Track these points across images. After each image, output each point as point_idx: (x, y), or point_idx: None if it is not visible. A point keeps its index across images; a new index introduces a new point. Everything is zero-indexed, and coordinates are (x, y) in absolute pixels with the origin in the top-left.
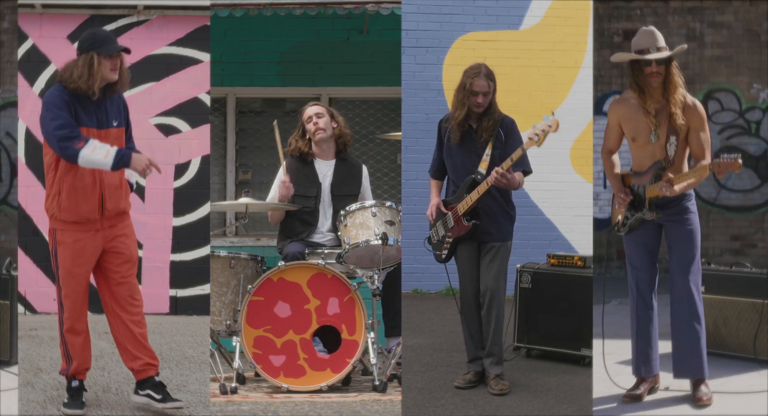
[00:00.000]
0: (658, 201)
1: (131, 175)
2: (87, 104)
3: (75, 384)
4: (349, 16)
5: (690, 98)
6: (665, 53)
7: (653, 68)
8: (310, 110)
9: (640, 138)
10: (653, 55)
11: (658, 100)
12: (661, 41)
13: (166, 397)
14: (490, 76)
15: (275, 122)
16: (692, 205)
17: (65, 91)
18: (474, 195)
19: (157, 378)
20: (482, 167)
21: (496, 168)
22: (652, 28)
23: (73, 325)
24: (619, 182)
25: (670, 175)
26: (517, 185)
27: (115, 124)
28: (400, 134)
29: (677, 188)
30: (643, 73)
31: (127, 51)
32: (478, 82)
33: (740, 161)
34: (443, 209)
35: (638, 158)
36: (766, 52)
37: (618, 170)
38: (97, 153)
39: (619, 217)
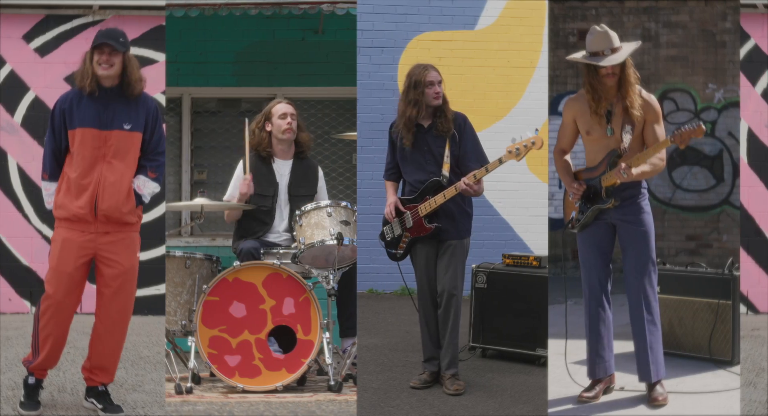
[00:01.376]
0: (616, 190)
1: (143, 187)
2: (90, 104)
3: (31, 380)
4: (305, 16)
5: (645, 93)
6: (619, 58)
7: (608, 69)
8: (285, 108)
9: (595, 132)
10: (608, 61)
11: (613, 97)
12: (616, 41)
13: (107, 407)
14: (435, 68)
15: (246, 121)
16: (646, 205)
17: (72, 93)
18: (439, 199)
19: (101, 388)
20: (446, 169)
21: (465, 180)
22: (605, 28)
23: (47, 323)
24: (571, 177)
25: (629, 161)
26: (481, 193)
27: (126, 127)
28: (355, 134)
29: (636, 171)
30: (598, 74)
31: (114, 46)
32: (431, 73)
33: (703, 126)
34: (401, 207)
35: (592, 152)
36: (722, 53)
37: (571, 168)
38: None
39: (573, 213)
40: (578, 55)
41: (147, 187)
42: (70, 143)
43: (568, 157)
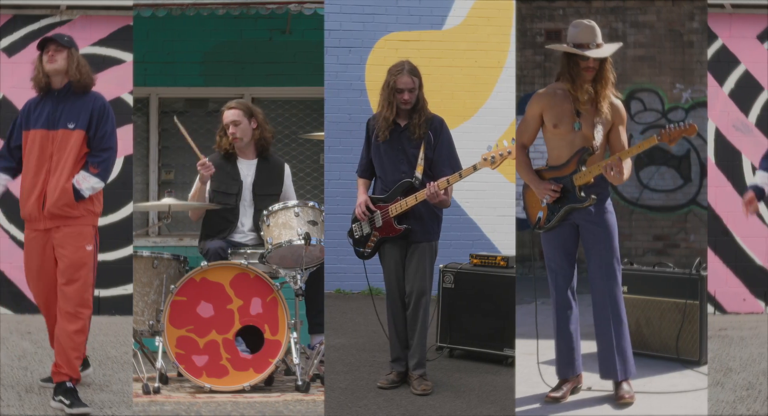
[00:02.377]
0: (589, 189)
1: (81, 182)
2: (44, 106)
3: (69, 384)
4: (272, 16)
5: (614, 97)
6: (605, 53)
7: (590, 63)
8: (227, 116)
9: (563, 126)
10: (593, 53)
11: (587, 92)
12: (600, 37)
13: (74, 403)
14: (413, 72)
15: (175, 118)
16: (609, 205)
17: (35, 97)
18: (411, 200)
19: (69, 384)
20: (419, 171)
21: (433, 186)
22: (593, 23)
23: (47, 324)
24: (537, 176)
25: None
26: (447, 205)
27: (70, 126)
28: (322, 134)
29: (625, 173)
30: (578, 66)
31: (58, 41)
32: (402, 79)
33: (696, 125)
34: (371, 206)
35: (556, 148)
36: (689, 53)
37: (532, 167)
38: None
39: (540, 214)
40: (561, 46)
41: (86, 182)
42: (23, 144)
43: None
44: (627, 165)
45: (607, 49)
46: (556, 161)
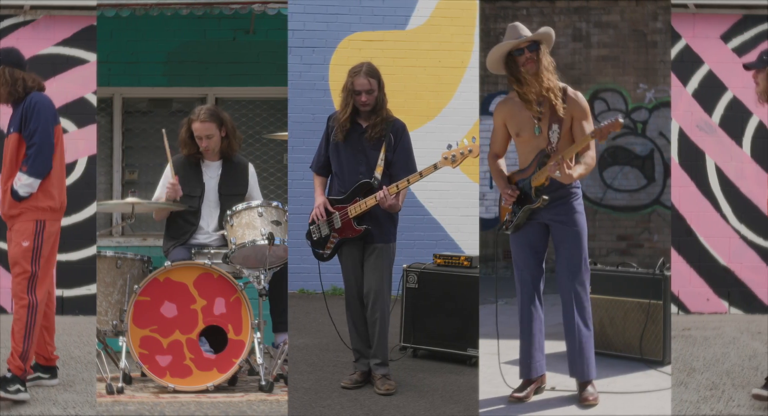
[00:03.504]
0: (546, 190)
1: (16, 182)
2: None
3: (9, 374)
4: (236, 16)
5: (571, 90)
6: (532, 35)
7: (526, 55)
8: (200, 130)
9: (525, 133)
10: (520, 38)
11: (539, 90)
12: (527, 31)
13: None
14: (371, 73)
15: (164, 131)
16: (579, 205)
17: None
18: (370, 201)
19: (9, 375)
20: (378, 172)
21: (382, 194)
22: (517, 22)
23: None
24: (505, 182)
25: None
26: (398, 209)
27: (11, 130)
28: (286, 134)
29: (574, 173)
30: (517, 63)
31: None
32: (359, 81)
33: (621, 119)
34: (330, 207)
35: (523, 154)
36: (653, 53)
37: (505, 173)
38: None
39: (507, 215)
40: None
41: (19, 181)
42: None
43: (502, 161)
44: (586, 159)
45: (533, 34)
46: (523, 165)
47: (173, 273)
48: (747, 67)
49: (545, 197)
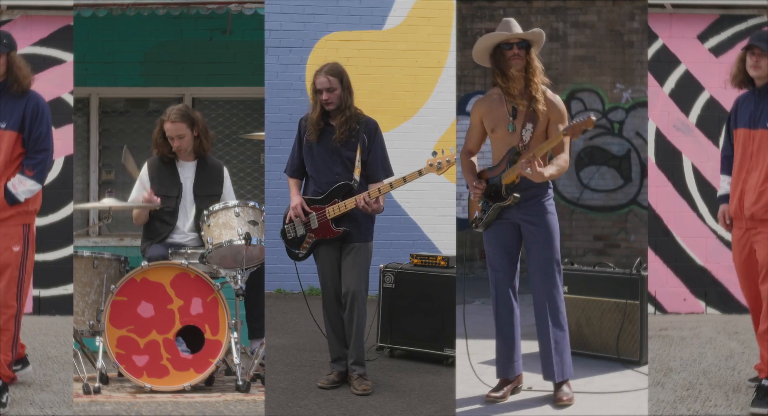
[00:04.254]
0: (516, 187)
1: (17, 185)
2: None
3: None
4: (213, 16)
5: (550, 93)
6: (523, 33)
7: (514, 51)
8: (171, 130)
9: (499, 129)
10: (513, 33)
11: (520, 89)
12: (519, 29)
13: None
14: (331, 72)
15: (125, 147)
16: (550, 205)
17: None
18: (350, 203)
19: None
20: (357, 174)
21: (367, 196)
22: (510, 18)
23: None
24: (474, 177)
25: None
26: (380, 211)
27: (2, 126)
28: (263, 134)
29: (546, 173)
30: (504, 57)
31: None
32: (319, 79)
33: (593, 117)
34: (307, 208)
35: (497, 151)
36: (629, 53)
37: (476, 169)
38: None
39: (477, 213)
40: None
41: (22, 185)
42: None
43: (474, 158)
44: (559, 161)
45: (525, 32)
46: (495, 161)
47: (150, 273)
48: (752, 47)
49: (516, 195)
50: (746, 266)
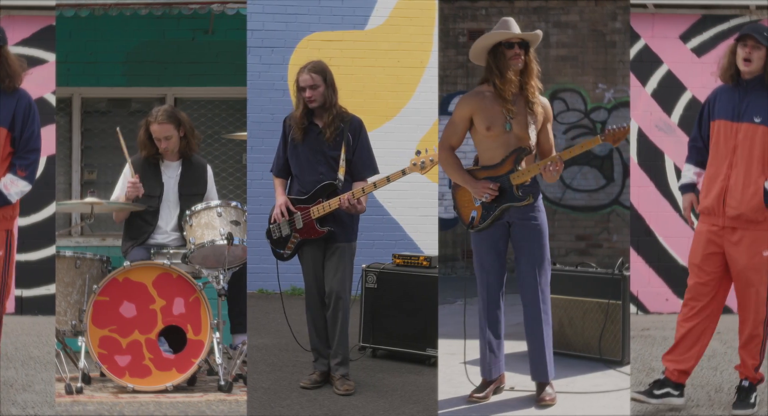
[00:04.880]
0: (527, 187)
1: (9, 186)
2: None
3: None
4: (195, 16)
5: (540, 96)
6: (527, 34)
7: (516, 50)
8: (159, 131)
9: (495, 127)
10: (515, 33)
11: (515, 90)
12: (518, 29)
13: None
14: (314, 69)
15: (118, 129)
16: (540, 204)
17: None
18: (334, 203)
19: None
20: (341, 173)
21: (351, 196)
22: (509, 17)
23: None
24: (471, 176)
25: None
26: (363, 211)
27: None
28: (245, 133)
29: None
30: (505, 56)
31: None
32: (302, 77)
33: (626, 125)
34: (291, 207)
35: (489, 149)
36: (612, 53)
37: (463, 167)
38: None
39: (474, 213)
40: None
41: (15, 186)
42: None
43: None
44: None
45: (528, 33)
46: (490, 161)
47: (132, 273)
48: (745, 38)
49: (531, 196)
50: (708, 264)
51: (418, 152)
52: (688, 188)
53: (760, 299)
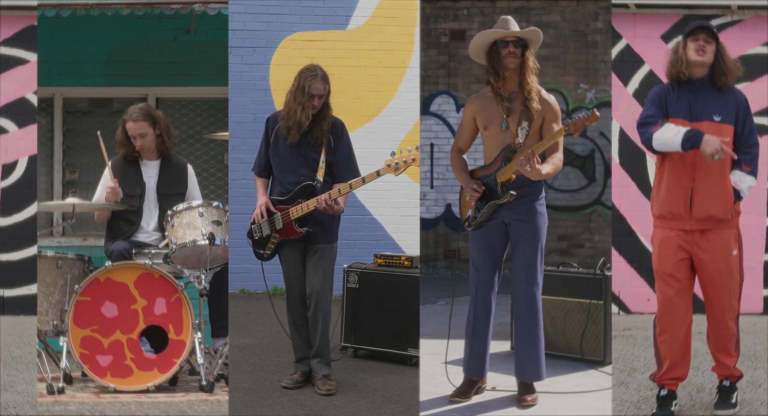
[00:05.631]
0: (511, 185)
1: None
2: None
3: None
4: (176, 16)
5: (545, 93)
6: (521, 32)
7: (510, 49)
8: (133, 129)
9: (492, 127)
10: (510, 32)
11: (513, 88)
12: (517, 27)
13: None
14: (326, 79)
15: (99, 133)
16: (541, 207)
17: None
18: (312, 203)
19: None
20: (320, 174)
21: (323, 203)
22: (508, 16)
23: None
24: (468, 177)
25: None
26: (340, 211)
27: None
28: (227, 134)
29: (543, 171)
30: (500, 55)
31: None
32: (316, 85)
33: (597, 112)
34: (272, 208)
35: (489, 149)
36: (593, 53)
37: (467, 167)
38: None
39: (469, 212)
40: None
41: None
42: None
43: (464, 156)
44: (554, 160)
45: (522, 31)
46: (487, 160)
47: (114, 273)
48: (696, 32)
49: (513, 193)
50: (680, 271)
51: (392, 153)
52: (696, 134)
53: (733, 297)
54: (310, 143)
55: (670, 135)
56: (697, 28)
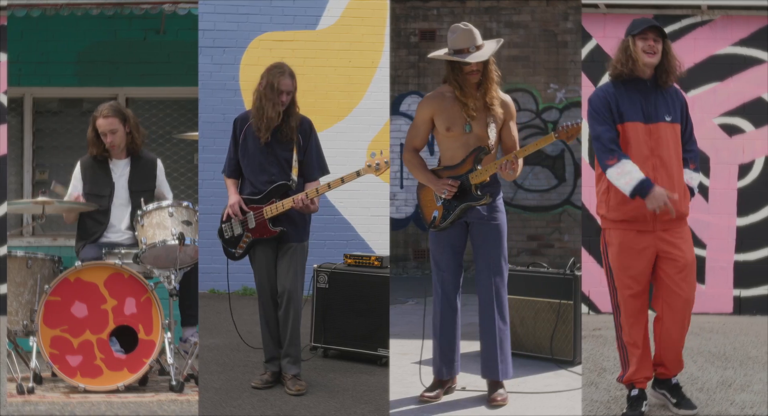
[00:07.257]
0: (484, 188)
1: None
2: None
3: None
4: (146, 16)
5: (501, 93)
6: (485, 55)
7: (473, 67)
8: (104, 125)
9: (455, 128)
10: (473, 58)
11: (475, 96)
12: (479, 39)
13: None
14: (293, 75)
15: (53, 182)
16: (501, 204)
17: None
18: (288, 203)
19: None
20: (294, 174)
21: (300, 203)
22: (470, 26)
23: None
24: (434, 175)
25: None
26: (316, 210)
27: None
28: (197, 134)
29: (521, 163)
30: (462, 72)
31: None
32: (285, 81)
33: (580, 123)
34: (245, 207)
35: (450, 149)
36: (563, 53)
37: (427, 166)
38: None
39: (435, 213)
40: (441, 53)
41: None
42: None
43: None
44: (519, 162)
45: (487, 50)
46: (451, 161)
47: (84, 273)
48: (646, 31)
49: (489, 195)
50: (644, 274)
51: (373, 154)
52: (645, 187)
53: (693, 292)
54: (280, 141)
55: (621, 182)
56: (647, 28)
